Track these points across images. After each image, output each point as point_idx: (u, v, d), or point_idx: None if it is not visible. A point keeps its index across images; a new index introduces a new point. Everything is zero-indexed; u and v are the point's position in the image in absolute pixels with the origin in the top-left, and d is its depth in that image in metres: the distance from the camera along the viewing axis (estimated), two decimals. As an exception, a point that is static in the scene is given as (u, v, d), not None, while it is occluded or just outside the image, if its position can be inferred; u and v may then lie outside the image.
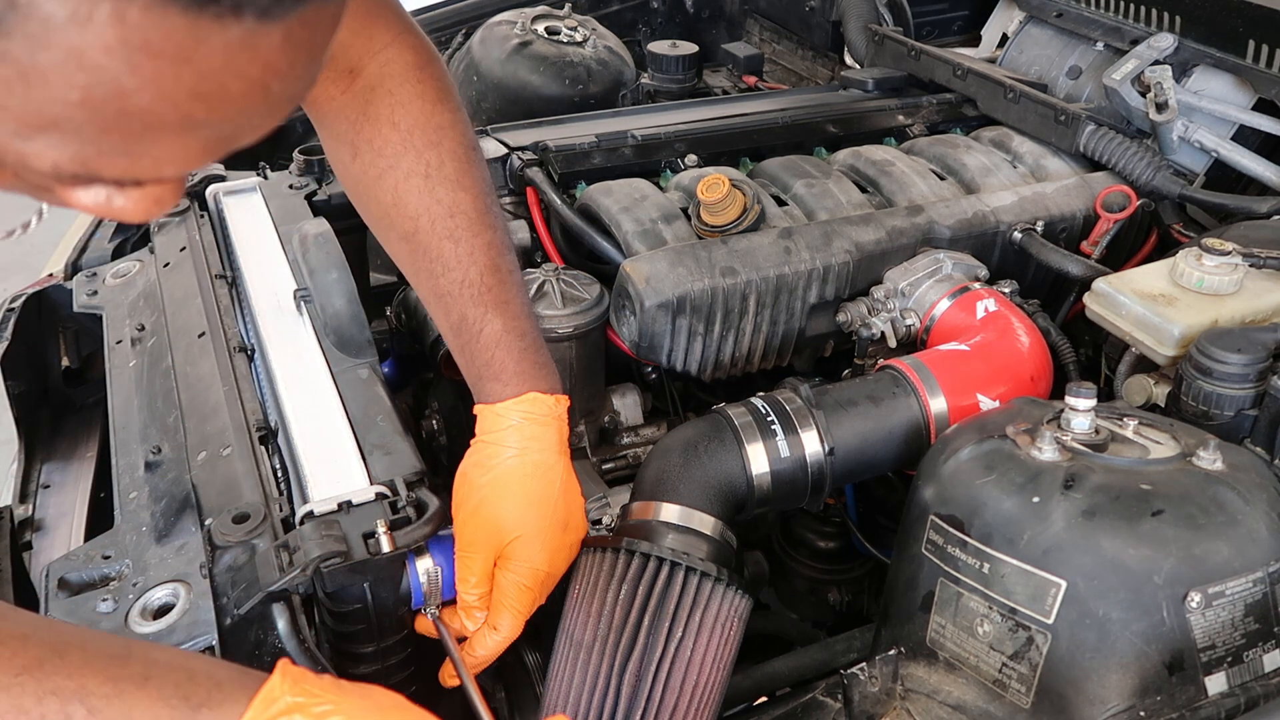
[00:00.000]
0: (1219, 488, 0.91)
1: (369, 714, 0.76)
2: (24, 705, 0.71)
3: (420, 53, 1.09)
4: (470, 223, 1.08)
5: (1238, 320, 1.19)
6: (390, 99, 1.07)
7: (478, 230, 1.08)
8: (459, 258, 1.08)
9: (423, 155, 1.07)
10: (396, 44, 1.07)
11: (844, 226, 1.45)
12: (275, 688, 0.75)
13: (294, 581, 0.96)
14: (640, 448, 1.52)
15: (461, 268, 1.08)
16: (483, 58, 2.16)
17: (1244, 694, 0.89)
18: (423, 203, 1.07)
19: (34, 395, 1.71)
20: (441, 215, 1.07)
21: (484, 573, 1.04)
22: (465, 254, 1.08)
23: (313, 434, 1.17)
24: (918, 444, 1.21)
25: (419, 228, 1.08)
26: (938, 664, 0.97)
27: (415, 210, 1.08)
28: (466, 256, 1.08)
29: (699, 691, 0.99)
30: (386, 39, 1.06)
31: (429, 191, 1.07)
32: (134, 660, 0.75)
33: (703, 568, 1.01)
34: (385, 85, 1.07)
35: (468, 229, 1.08)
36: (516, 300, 1.11)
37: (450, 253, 1.08)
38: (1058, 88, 1.89)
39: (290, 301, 1.42)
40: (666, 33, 2.68)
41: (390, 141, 1.07)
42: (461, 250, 1.08)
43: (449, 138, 1.09)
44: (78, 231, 1.84)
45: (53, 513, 1.55)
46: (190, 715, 0.73)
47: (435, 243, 1.08)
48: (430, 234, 1.08)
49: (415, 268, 1.12)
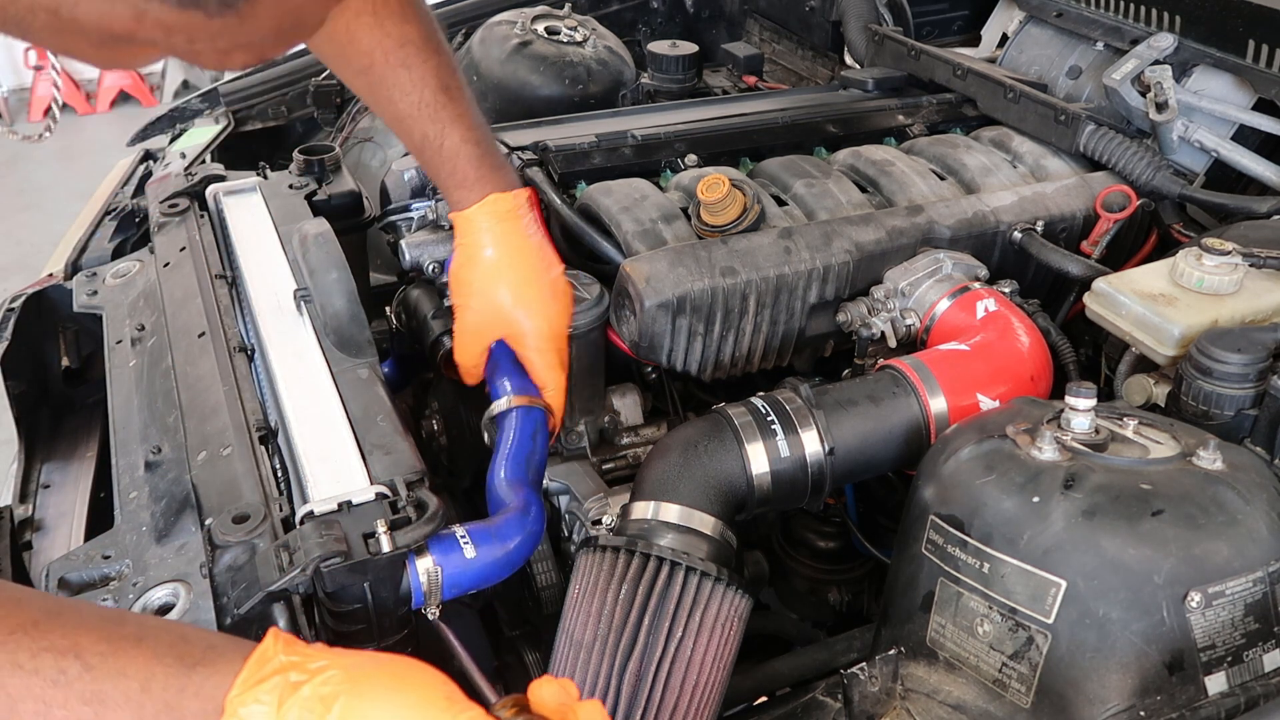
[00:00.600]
0: (1219, 488, 0.91)
1: (364, 666, 0.75)
2: (18, 660, 0.71)
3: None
4: (419, 50, 1.22)
5: (1238, 320, 1.19)
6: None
7: (426, 56, 1.22)
8: (413, 83, 1.22)
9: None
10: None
11: (844, 226, 1.45)
12: (269, 649, 0.75)
13: (294, 581, 0.96)
14: (640, 448, 1.52)
15: (416, 91, 1.22)
16: (483, 58, 2.16)
17: (1244, 694, 0.89)
18: (373, 36, 1.20)
19: (34, 395, 1.71)
20: (392, 47, 1.21)
21: (482, 350, 1.32)
22: (418, 79, 1.22)
23: (313, 434, 1.17)
24: (918, 444, 1.21)
25: (374, 61, 1.22)
26: (938, 664, 0.97)
27: (368, 45, 1.21)
28: (420, 80, 1.22)
29: (699, 691, 0.99)
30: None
31: (378, 26, 1.20)
32: (128, 623, 0.76)
33: (703, 567, 1.01)
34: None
35: (417, 56, 1.22)
36: (469, 114, 1.26)
37: (405, 79, 1.22)
38: (1058, 88, 1.89)
39: (290, 301, 1.42)
40: (666, 33, 2.67)
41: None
42: (414, 75, 1.22)
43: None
44: (78, 231, 1.84)
45: (53, 513, 1.55)
46: (185, 674, 0.73)
47: (390, 72, 1.22)
48: (385, 65, 1.22)
49: (375, 96, 1.26)
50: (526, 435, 1.23)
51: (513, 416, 1.24)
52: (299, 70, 2.31)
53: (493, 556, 1.06)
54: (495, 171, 1.28)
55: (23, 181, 5.99)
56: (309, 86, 2.29)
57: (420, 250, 1.56)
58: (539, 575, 1.32)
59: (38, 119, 6.70)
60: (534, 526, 1.12)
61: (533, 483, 1.18)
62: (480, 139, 1.27)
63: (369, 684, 0.74)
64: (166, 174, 1.88)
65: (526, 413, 1.24)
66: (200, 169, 1.83)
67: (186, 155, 1.93)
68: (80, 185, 5.48)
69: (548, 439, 1.25)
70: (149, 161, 2.08)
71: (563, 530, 1.37)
